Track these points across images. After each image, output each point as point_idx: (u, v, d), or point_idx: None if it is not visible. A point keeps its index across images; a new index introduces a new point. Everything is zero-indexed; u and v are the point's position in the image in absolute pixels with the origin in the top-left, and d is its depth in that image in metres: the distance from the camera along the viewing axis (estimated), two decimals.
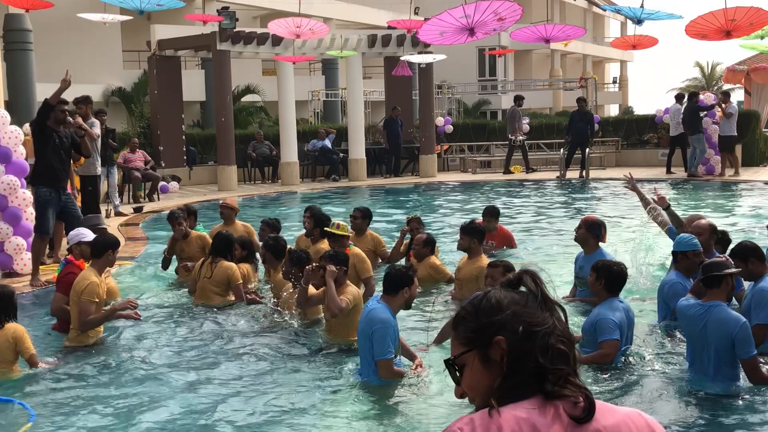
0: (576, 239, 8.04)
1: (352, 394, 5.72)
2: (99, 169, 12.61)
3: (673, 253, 6.97)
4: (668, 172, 21.21)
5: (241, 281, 8.27)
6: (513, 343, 1.83)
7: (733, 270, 5.62)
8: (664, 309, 6.91)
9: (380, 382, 5.75)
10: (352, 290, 6.82)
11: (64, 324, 7.25)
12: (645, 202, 8.34)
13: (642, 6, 13.66)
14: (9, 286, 6.65)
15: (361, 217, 9.66)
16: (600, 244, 7.92)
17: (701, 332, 5.50)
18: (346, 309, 6.60)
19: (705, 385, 5.49)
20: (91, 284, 6.86)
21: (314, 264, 6.90)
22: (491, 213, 10.48)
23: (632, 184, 8.60)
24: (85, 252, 7.48)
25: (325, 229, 8.47)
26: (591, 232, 7.89)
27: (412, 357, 6.10)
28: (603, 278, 6.05)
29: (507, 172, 23.11)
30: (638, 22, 14.17)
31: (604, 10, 52.64)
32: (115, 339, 7.17)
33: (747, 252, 6.40)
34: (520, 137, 23.31)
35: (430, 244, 8.92)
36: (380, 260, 9.74)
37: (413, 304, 6.73)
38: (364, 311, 6.00)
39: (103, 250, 7.06)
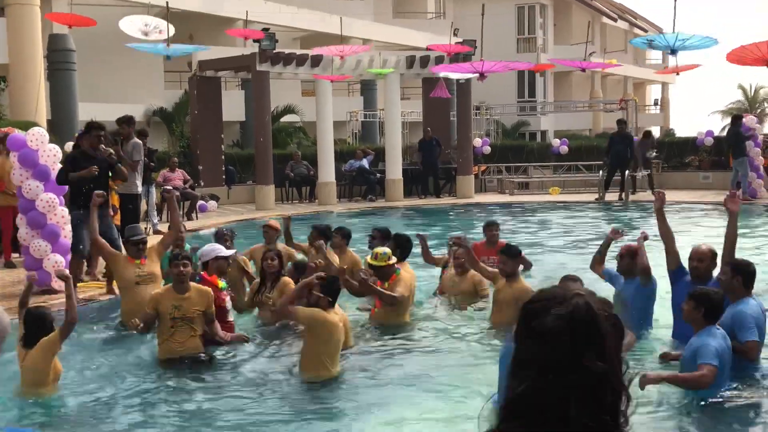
0: (620, 270, 7.74)
1: None
2: (140, 188, 12.70)
3: None
4: None
5: None
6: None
7: None
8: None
9: None
10: (315, 311, 6.47)
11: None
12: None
13: (674, 32, 13.51)
14: (41, 308, 6.69)
15: (340, 237, 9.77)
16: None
17: None
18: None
19: None
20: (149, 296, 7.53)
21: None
22: (496, 223, 10.44)
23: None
24: (222, 267, 7.81)
25: (366, 260, 8.44)
26: (635, 259, 7.70)
27: None
28: (703, 307, 5.80)
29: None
30: (672, 52, 13.99)
31: (646, 32, 52.31)
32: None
33: (741, 269, 6.36)
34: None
35: None
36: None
37: (446, 326, 6.62)
38: None
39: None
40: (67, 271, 6.73)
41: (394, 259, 8.38)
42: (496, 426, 1.67)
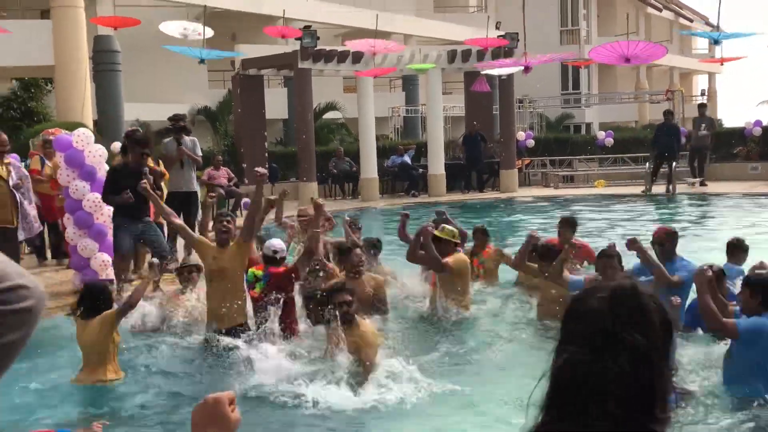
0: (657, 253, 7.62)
1: None
2: (195, 186, 12.74)
3: None
4: None
5: None
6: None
7: None
8: None
9: None
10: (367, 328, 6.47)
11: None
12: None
13: (718, 27, 13.36)
14: (101, 281, 6.83)
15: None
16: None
17: None
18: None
19: None
20: None
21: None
22: (568, 224, 9.61)
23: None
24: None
25: (435, 232, 8.25)
26: (671, 241, 7.61)
27: None
28: (760, 294, 5.54)
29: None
30: (715, 42, 13.88)
31: (691, 21, 51.49)
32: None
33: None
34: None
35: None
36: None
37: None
38: None
39: None
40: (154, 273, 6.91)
41: (458, 241, 8.42)
42: (540, 414, 1.68)
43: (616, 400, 1.58)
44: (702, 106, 23.55)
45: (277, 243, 7.56)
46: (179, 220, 8.00)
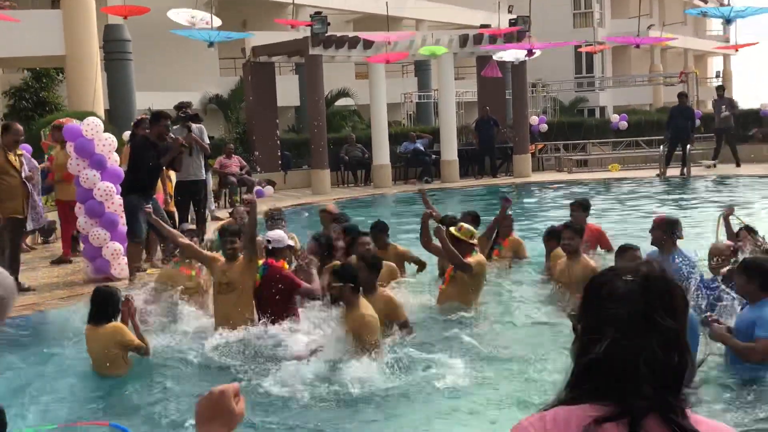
0: (654, 242, 7.55)
1: None
2: (204, 174, 12.72)
3: None
4: None
5: None
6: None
7: None
8: None
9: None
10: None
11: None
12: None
13: (729, 3, 13.19)
14: (110, 286, 6.81)
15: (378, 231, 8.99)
16: (678, 242, 7.55)
17: None
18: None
19: None
20: None
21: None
22: (581, 206, 9.41)
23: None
24: (287, 254, 7.80)
25: (450, 229, 7.89)
26: (666, 232, 7.49)
27: None
28: (757, 278, 5.49)
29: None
30: (727, 22, 13.69)
31: (705, 3, 50.99)
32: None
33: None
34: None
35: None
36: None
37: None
38: None
39: None
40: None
41: (476, 241, 8.06)
42: (565, 390, 1.73)
43: (648, 380, 1.63)
44: (720, 88, 23.39)
45: (272, 234, 7.56)
46: (186, 240, 8.01)
